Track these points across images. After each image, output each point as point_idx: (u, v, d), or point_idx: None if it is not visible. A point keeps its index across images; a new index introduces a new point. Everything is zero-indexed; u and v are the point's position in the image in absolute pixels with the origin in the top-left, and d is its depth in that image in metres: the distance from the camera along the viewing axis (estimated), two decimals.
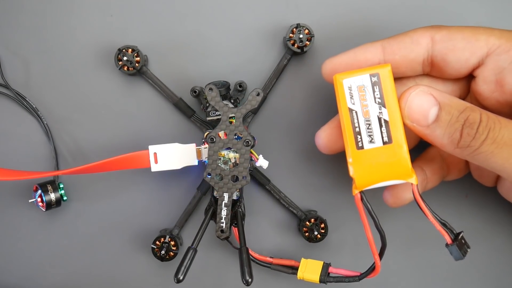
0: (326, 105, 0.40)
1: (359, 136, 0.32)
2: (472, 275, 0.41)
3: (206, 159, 0.35)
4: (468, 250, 0.32)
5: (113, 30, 0.40)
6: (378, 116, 0.31)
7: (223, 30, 0.40)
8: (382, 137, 0.31)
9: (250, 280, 0.32)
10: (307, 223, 0.39)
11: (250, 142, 0.34)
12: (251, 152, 0.35)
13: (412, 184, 0.31)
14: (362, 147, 0.32)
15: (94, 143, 0.40)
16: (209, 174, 0.34)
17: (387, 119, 0.31)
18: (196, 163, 0.36)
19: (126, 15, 0.40)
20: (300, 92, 0.40)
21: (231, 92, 0.38)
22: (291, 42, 0.38)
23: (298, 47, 0.38)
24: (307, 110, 0.40)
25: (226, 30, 0.40)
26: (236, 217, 0.35)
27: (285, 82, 0.40)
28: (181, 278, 0.32)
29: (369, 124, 0.31)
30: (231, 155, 0.34)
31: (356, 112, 0.31)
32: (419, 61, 0.32)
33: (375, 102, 0.31)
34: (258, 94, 0.34)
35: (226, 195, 0.34)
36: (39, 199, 0.38)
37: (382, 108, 0.31)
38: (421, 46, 0.32)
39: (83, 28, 0.40)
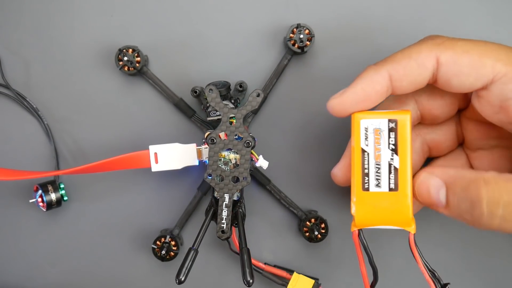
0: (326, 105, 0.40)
1: (366, 178, 0.32)
2: None
3: (207, 159, 0.35)
4: None
5: (114, 30, 0.40)
6: (389, 162, 0.31)
7: (223, 30, 0.40)
8: (389, 183, 0.31)
9: (251, 280, 0.32)
10: (308, 223, 0.39)
11: (250, 143, 0.34)
12: (251, 153, 0.35)
13: (409, 232, 0.32)
14: (367, 189, 0.32)
15: (95, 143, 0.40)
16: (210, 175, 0.34)
17: (397, 166, 0.31)
18: (197, 163, 0.36)
19: (127, 15, 0.40)
20: (300, 92, 0.40)
21: (232, 92, 0.38)
22: (292, 42, 0.38)
23: (299, 47, 0.38)
24: (307, 110, 0.40)
25: (227, 30, 0.40)
26: (237, 218, 0.35)
27: (285, 82, 0.40)
28: (182, 279, 0.32)
29: (379, 168, 0.31)
30: (232, 156, 0.34)
31: (368, 153, 0.32)
32: (425, 83, 0.31)
33: (389, 147, 0.31)
34: (258, 95, 0.34)
35: (226, 196, 0.34)
36: (39, 199, 0.39)
37: (394, 155, 0.31)
38: (428, 70, 0.30)
39: (84, 28, 0.40)
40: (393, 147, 0.31)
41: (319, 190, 0.41)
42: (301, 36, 0.38)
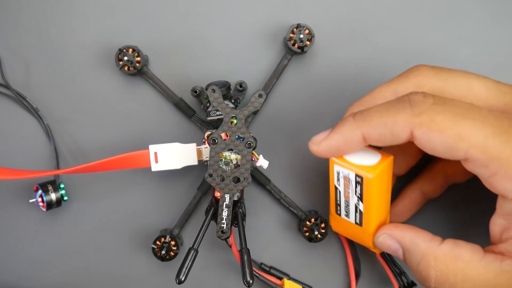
0: (326, 105, 0.40)
1: (338, 207, 0.36)
2: None
3: (207, 159, 0.35)
4: None
5: (114, 30, 0.40)
6: (355, 204, 0.34)
7: (223, 30, 0.40)
8: (355, 219, 0.35)
9: (251, 281, 0.32)
10: (308, 223, 0.39)
11: (252, 144, 0.34)
12: (252, 153, 0.35)
13: (376, 253, 0.38)
14: (339, 214, 0.36)
15: (95, 143, 0.40)
16: (211, 175, 0.34)
17: (362, 211, 0.34)
18: (197, 163, 0.36)
19: (127, 15, 0.40)
20: (300, 92, 0.40)
21: (232, 92, 0.38)
22: (292, 42, 0.38)
23: (299, 47, 0.38)
24: (308, 110, 0.40)
25: (227, 30, 0.40)
26: (237, 218, 0.35)
27: (285, 82, 0.40)
28: (182, 279, 0.32)
29: (347, 205, 0.35)
30: (233, 157, 0.34)
31: (340, 191, 0.35)
32: (399, 144, 0.31)
33: (355, 194, 0.34)
34: (260, 96, 0.34)
35: (227, 196, 0.34)
36: (39, 199, 0.38)
37: (360, 202, 0.34)
38: (401, 139, 0.30)
39: (84, 28, 0.40)
40: (359, 195, 0.33)
41: (319, 190, 0.41)
42: (301, 36, 0.38)
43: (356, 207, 0.34)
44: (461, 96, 0.31)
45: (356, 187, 0.33)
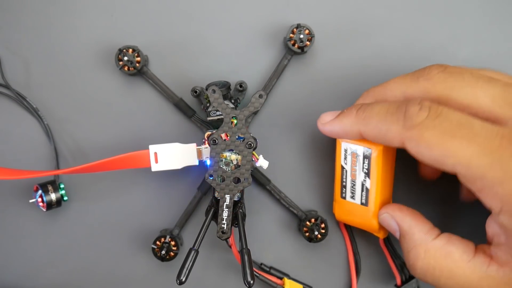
0: (326, 105, 0.40)
1: (344, 189, 0.37)
2: None
3: (207, 159, 0.35)
4: None
5: (114, 30, 0.40)
6: (362, 182, 0.36)
7: (223, 30, 0.40)
8: (361, 199, 0.36)
9: (252, 281, 0.32)
10: (308, 223, 0.39)
11: (252, 144, 0.34)
12: (252, 153, 0.35)
13: (379, 237, 0.38)
14: (344, 198, 0.37)
15: (95, 143, 0.40)
16: (211, 176, 0.34)
17: (368, 187, 0.36)
18: (197, 163, 0.36)
19: (127, 15, 0.40)
20: (300, 92, 0.40)
21: (232, 92, 0.38)
22: (292, 42, 0.38)
23: (299, 47, 0.38)
24: (308, 110, 0.40)
25: (227, 30, 0.40)
26: (237, 218, 0.35)
27: (285, 82, 0.40)
28: (183, 279, 0.32)
29: (353, 185, 0.36)
30: (233, 157, 0.34)
31: (346, 171, 0.36)
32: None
33: (363, 171, 0.35)
34: (261, 97, 0.34)
35: (227, 197, 0.34)
36: (39, 199, 0.38)
37: (367, 178, 0.35)
38: (395, 145, 0.31)
39: (84, 28, 0.40)
40: (366, 171, 0.35)
41: (319, 190, 0.41)
42: (301, 36, 0.38)
43: (362, 186, 0.36)
44: (465, 105, 0.31)
45: (363, 162, 0.35)
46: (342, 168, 0.36)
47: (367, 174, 0.35)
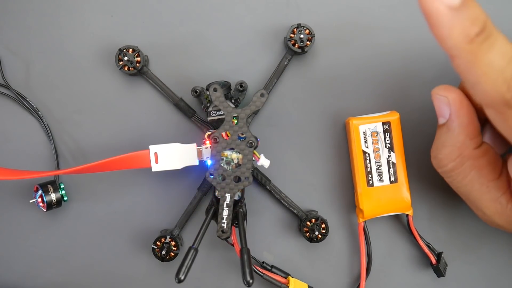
0: (327, 105, 0.40)
1: (370, 176, 0.37)
2: None
3: (207, 159, 0.35)
4: (447, 267, 0.39)
5: (114, 30, 0.40)
6: (387, 159, 0.37)
7: (224, 30, 0.40)
8: (390, 177, 0.37)
9: (251, 281, 0.32)
10: (308, 223, 0.39)
11: (253, 143, 0.34)
12: (253, 153, 0.35)
13: (408, 215, 0.38)
14: (372, 185, 0.38)
15: (95, 143, 0.40)
16: (212, 174, 0.34)
17: (394, 161, 0.37)
18: (197, 163, 0.36)
19: (127, 15, 0.40)
20: (300, 92, 0.40)
21: (232, 92, 0.38)
22: (292, 42, 0.38)
23: (299, 47, 0.38)
24: (308, 110, 0.40)
25: (227, 30, 0.40)
26: (237, 218, 0.35)
27: (285, 82, 0.40)
28: (182, 278, 0.32)
29: (379, 166, 0.37)
30: (234, 156, 0.34)
31: (368, 154, 0.37)
32: None
33: (386, 147, 0.37)
34: (262, 96, 0.34)
35: (228, 196, 0.34)
36: (39, 200, 0.38)
37: (391, 152, 0.37)
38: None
39: (84, 28, 0.40)
40: (389, 145, 0.37)
41: (319, 190, 0.41)
42: (302, 36, 0.38)
43: (388, 163, 0.37)
44: None
45: (385, 138, 0.37)
46: (364, 153, 0.37)
47: (391, 148, 0.37)
